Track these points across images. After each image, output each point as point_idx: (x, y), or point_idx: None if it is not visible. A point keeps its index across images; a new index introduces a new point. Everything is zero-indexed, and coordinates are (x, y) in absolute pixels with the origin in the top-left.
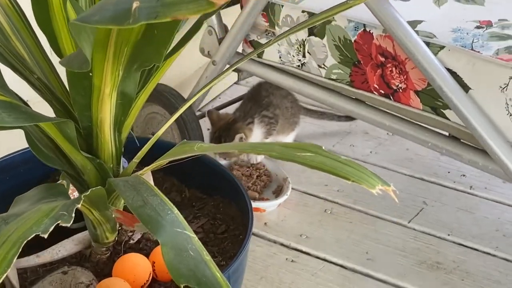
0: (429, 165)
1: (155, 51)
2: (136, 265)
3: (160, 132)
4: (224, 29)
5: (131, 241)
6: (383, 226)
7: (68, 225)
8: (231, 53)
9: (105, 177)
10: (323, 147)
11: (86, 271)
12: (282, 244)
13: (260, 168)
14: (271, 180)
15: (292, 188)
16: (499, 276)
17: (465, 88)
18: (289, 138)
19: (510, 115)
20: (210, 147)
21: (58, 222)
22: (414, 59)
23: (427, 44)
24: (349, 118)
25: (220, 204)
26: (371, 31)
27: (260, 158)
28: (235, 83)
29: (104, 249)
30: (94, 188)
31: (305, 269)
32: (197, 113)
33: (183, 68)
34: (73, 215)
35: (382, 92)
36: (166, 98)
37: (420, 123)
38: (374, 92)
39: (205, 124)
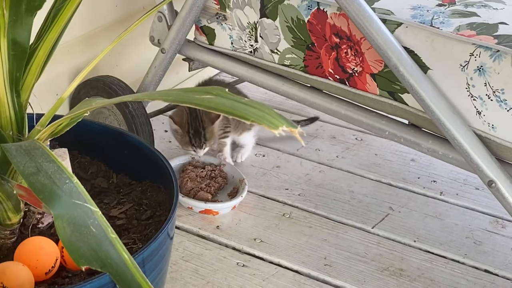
0: (398, 170)
1: None
2: (40, 249)
3: (66, 94)
4: (175, 15)
5: (41, 225)
6: (344, 231)
7: None
8: (180, 40)
9: None
10: (226, 90)
11: None
12: (233, 248)
13: (215, 169)
14: (227, 182)
15: (250, 191)
16: (467, 284)
17: (424, 68)
18: (243, 137)
19: (472, 97)
20: (105, 101)
21: None
22: (368, 37)
23: (384, 21)
24: (309, 121)
25: (149, 189)
26: (325, 10)
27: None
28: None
29: (8, 232)
30: None
31: (256, 274)
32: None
33: (140, 63)
34: None
35: (337, 77)
36: (114, 90)
37: (378, 111)
38: (329, 77)
39: (163, 126)
